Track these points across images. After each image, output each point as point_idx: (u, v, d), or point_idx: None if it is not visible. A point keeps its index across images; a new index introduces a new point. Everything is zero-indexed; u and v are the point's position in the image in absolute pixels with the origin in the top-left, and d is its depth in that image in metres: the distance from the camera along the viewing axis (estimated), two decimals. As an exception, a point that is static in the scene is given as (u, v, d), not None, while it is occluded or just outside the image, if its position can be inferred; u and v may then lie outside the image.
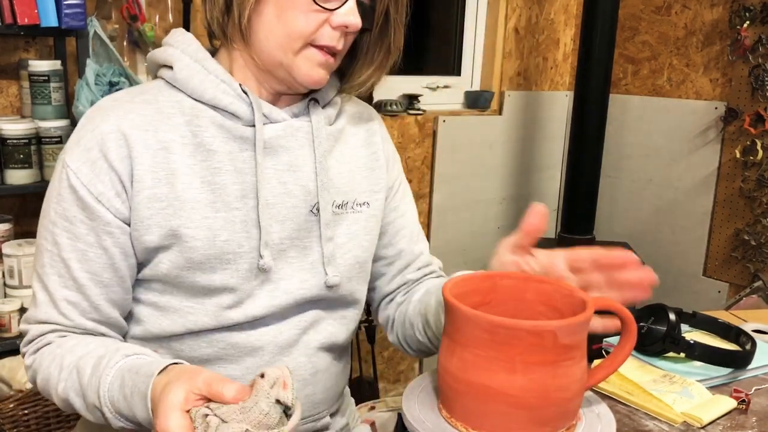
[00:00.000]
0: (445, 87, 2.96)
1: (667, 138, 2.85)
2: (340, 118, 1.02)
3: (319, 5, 0.86)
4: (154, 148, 0.88)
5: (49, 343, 0.90)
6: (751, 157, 2.56)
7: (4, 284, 1.89)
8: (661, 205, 2.88)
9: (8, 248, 1.87)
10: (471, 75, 3.04)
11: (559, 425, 0.76)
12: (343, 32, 0.89)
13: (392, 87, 2.73)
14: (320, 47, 0.89)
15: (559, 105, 3.17)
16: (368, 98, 2.46)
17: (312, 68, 0.90)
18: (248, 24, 0.88)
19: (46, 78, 1.85)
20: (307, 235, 0.96)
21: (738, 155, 2.60)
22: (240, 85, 0.92)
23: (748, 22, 2.54)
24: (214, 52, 0.97)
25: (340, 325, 1.02)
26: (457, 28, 3.02)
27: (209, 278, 0.90)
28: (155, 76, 0.96)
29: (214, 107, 0.91)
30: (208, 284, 0.90)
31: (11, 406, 1.26)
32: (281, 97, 0.97)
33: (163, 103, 0.91)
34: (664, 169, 2.87)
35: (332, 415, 1.06)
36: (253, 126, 0.91)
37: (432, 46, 3.13)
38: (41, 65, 1.86)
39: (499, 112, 3.00)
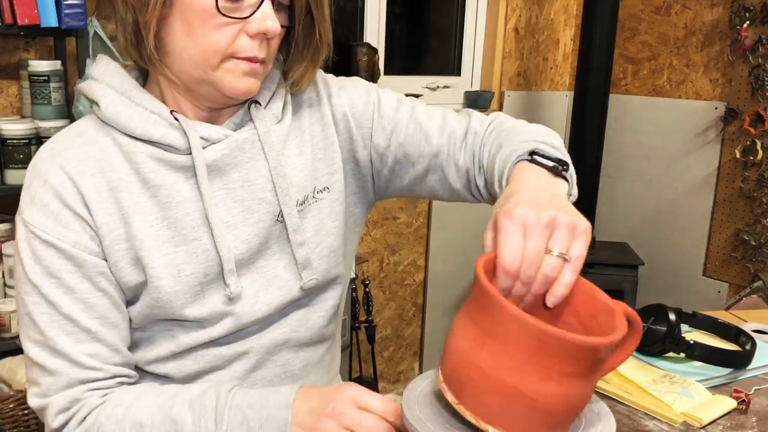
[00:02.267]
0: (445, 87, 2.96)
1: (667, 138, 2.85)
2: (287, 108, 0.95)
3: (228, 16, 0.80)
4: (103, 189, 0.84)
5: (94, 407, 0.84)
6: (751, 157, 2.56)
7: (4, 284, 1.89)
8: (661, 205, 2.88)
9: (8, 248, 1.87)
10: (471, 75, 3.04)
11: (567, 428, 0.76)
12: (263, 39, 0.83)
13: (392, 87, 2.72)
14: (242, 59, 0.83)
15: (559, 105, 3.17)
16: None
17: (237, 79, 0.83)
18: (159, 44, 0.82)
19: (46, 78, 1.85)
20: (275, 243, 0.92)
21: (738, 155, 2.60)
22: (172, 111, 0.86)
23: (748, 22, 2.54)
24: (145, 76, 0.92)
25: (324, 312, 0.99)
26: (457, 28, 3.02)
27: (181, 313, 0.88)
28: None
29: (148, 141, 0.85)
30: (182, 317, 0.88)
31: (11, 406, 1.26)
32: (221, 111, 0.90)
33: (101, 143, 0.86)
34: (664, 169, 2.87)
35: None
36: (191, 153, 0.86)
37: (432, 46, 3.13)
38: (41, 65, 1.86)
39: (499, 112, 3.00)
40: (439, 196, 1.03)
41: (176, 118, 0.86)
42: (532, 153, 0.83)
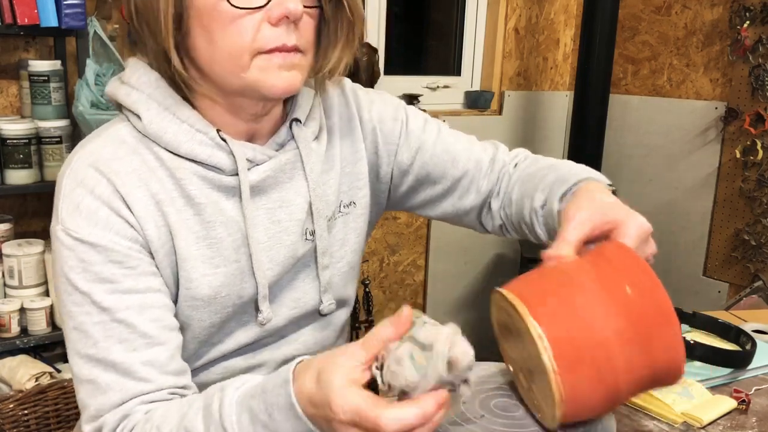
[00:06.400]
0: (445, 87, 2.95)
1: (667, 138, 2.85)
2: (322, 124, 0.93)
3: (241, 8, 0.74)
4: (150, 203, 0.80)
5: (137, 423, 0.76)
6: (751, 157, 2.56)
7: (4, 284, 1.89)
8: (661, 205, 2.88)
9: (8, 248, 1.87)
10: (471, 75, 3.04)
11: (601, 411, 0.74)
12: (288, 24, 0.77)
13: (392, 87, 2.73)
14: (271, 51, 0.77)
15: (559, 105, 3.17)
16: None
17: (274, 77, 0.78)
18: (191, 63, 0.80)
19: (46, 78, 1.86)
20: (302, 259, 0.91)
21: (738, 155, 2.60)
22: (218, 131, 0.83)
23: (748, 22, 2.54)
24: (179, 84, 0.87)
25: (335, 330, 1.00)
26: (457, 28, 3.02)
27: (207, 329, 0.87)
28: (118, 109, 0.87)
29: (193, 160, 0.82)
30: (207, 338, 0.87)
31: (11, 406, 1.26)
32: (262, 123, 0.87)
33: (144, 154, 0.82)
34: (664, 169, 2.87)
35: None
36: (237, 175, 0.83)
37: (432, 46, 3.13)
38: (41, 65, 1.86)
39: (499, 112, 3.00)
40: (447, 218, 1.06)
41: (223, 139, 0.83)
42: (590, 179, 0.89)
